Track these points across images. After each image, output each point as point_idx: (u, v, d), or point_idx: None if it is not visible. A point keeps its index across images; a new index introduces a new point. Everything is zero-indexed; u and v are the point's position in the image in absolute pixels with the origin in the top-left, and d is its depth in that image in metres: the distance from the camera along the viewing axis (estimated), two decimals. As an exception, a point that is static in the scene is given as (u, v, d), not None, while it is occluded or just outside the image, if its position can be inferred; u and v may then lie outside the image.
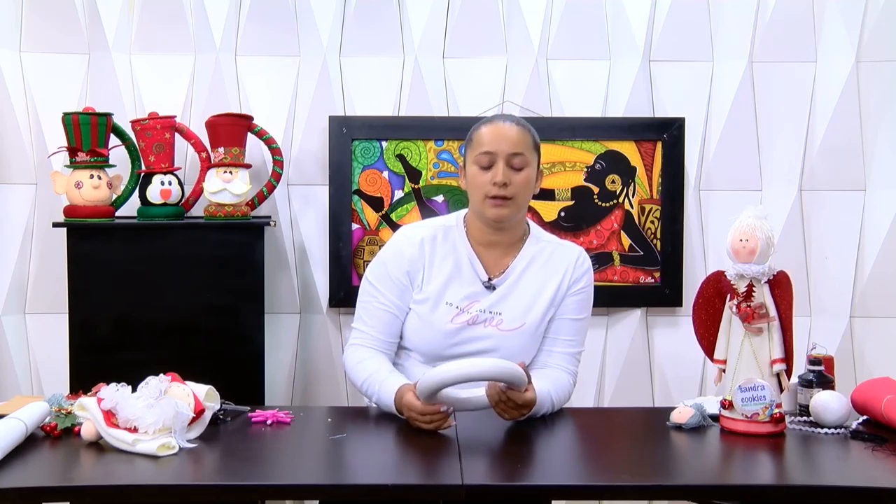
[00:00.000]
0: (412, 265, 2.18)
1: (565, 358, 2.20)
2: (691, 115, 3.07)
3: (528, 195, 2.17)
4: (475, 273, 2.18)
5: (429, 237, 2.20)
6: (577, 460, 1.93)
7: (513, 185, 2.11)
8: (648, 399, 3.13)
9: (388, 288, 2.18)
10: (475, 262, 2.18)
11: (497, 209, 2.12)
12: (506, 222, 2.16)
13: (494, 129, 2.14)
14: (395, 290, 2.18)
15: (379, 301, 2.19)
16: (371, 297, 2.20)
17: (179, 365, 2.05)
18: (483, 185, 2.12)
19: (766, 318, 1.93)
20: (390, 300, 2.18)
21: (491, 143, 2.12)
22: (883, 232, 3.07)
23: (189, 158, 3.03)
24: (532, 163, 2.15)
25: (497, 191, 2.10)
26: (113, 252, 2.76)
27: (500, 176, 2.10)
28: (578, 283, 2.21)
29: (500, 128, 2.14)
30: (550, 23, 3.06)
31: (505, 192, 2.11)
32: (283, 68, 3.06)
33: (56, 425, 1.88)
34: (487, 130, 2.15)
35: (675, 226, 3.06)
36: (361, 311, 2.22)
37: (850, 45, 3.04)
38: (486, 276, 2.18)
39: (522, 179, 2.13)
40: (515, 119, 2.19)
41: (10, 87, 3.00)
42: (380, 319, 2.18)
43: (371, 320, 2.19)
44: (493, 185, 2.11)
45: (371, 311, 2.20)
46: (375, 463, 1.84)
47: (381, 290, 2.19)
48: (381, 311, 2.18)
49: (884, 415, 1.96)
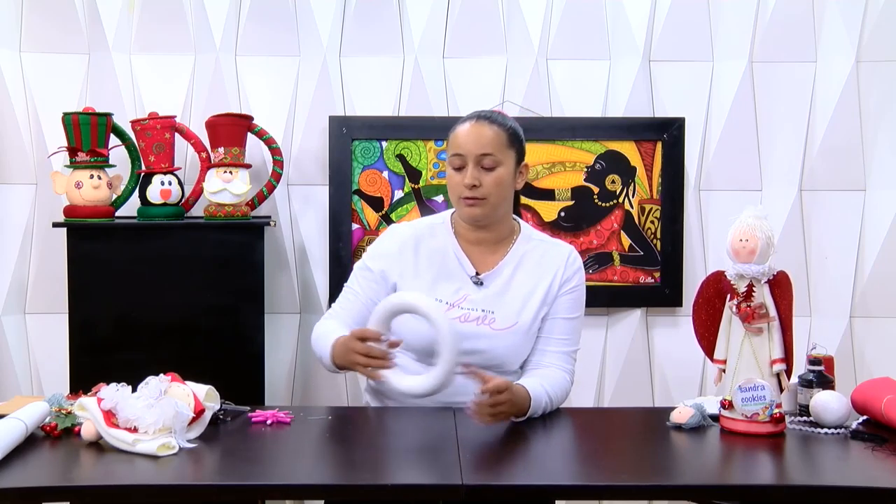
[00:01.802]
0: (388, 264, 2.21)
1: (560, 357, 2.20)
2: (691, 115, 3.07)
3: (502, 193, 2.17)
4: (462, 269, 2.19)
5: (413, 236, 2.23)
6: (577, 460, 1.93)
7: (484, 186, 2.13)
8: (648, 399, 3.13)
9: (365, 279, 2.24)
10: (462, 257, 2.20)
11: (470, 209, 2.15)
12: (481, 221, 2.18)
13: (466, 130, 2.16)
14: (371, 282, 2.23)
15: (355, 289, 2.25)
16: (351, 284, 2.28)
17: (179, 365, 2.05)
18: (456, 187, 2.16)
19: (766, 318, 1.93)
20: (364, 291, 2.23)
21: (462, 145, 2.15)
22: (883, 232, 3.07)
23: (189, 158, 3.03)
24: (505, 161, 2.15)
25: (469, 192, 2.13)
26: (113, 252, 2.76)
27: (469, 178, 2.13)
28: (570, 281, 2.21)
29: (471, 128, 2.16)
30: (550, 23, 3.06)
31: (476, 193, 2.13)
32: (283, 68, 3.06)
33: (56, 425, 1.88)
34: (460, 131, 2.17)
35: (675, 226, 3.07)
36: (341, 295, 2.29)
37: (850, 45, 3.04)
38: (473, 271, 2.19)
39: (493, 180, 2.13)
40: (490, 116, 2.18)
41: (10, 87, 3.00)
42: (352, 306, 2.24)
43: (345, 304, 2.26)
44: (464, 187, 2.13)
45: (347, 297, 2.27)
46: (375, 463, 1.84)
47: (360, 279, 2.25)
48: (355, 298, 2.24)
49: (884, 415, 1.96)
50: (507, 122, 2.19)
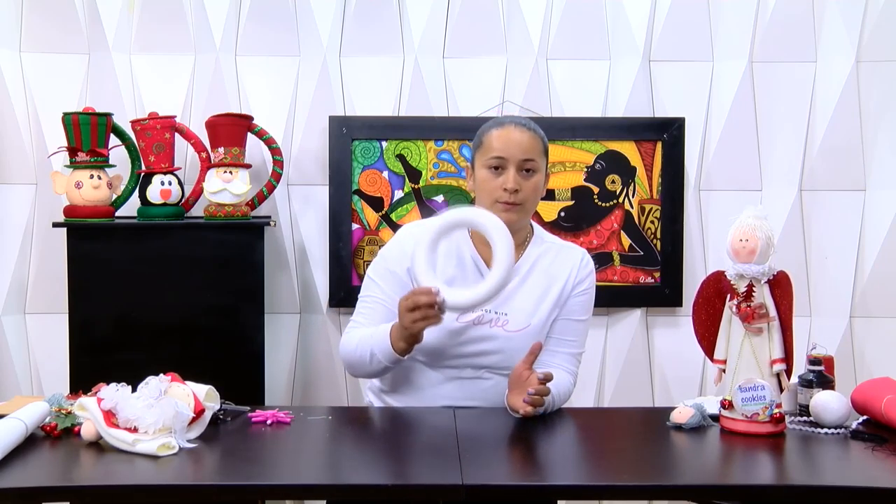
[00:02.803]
0: (412, 262, 2.15)
1: (567, 358, 2.21)
2: (691, 115, 3.07)
3: (536, 200, 2.18)
4: (479, 272, 2.17)
5: None
6: (577, 460, 1.93)
7: (523, 192, 2.12)
8: (648, 399, 3.13)
9: (388, 283, 2.17)
10: (479, 261, 2.18)
11: (507, 214, 2.11)
12: (514, 226, 2.14)
13: (506, 134, 2.14)
14: (396, 285, 2.16)
15: (378, 296, 2.18)
16: (370, 291, 2.19)
17: (179, 365, 2.05)
18: (493, 191, 2.12)
19: (766, 318, 1.92)
20: (389, 296, 2.16)
21: (503, 149, 2.12)
22: (883, 232, 3.07)
23: (189, 158, 3.03)
24: (542, 168, 2.16)
25: (508, 197, 2.11)
26: (113, 252, 2.76)
27: (511, 182, 2.10)
28: (582, 284, 2.21)
29: (511, 132, 2.14)
30: (550, 23, 3.06)
31: (515, 198, 2.11)
32: (283, 68, 3.06)
33: (56, 425, 1.88)
34: (499, 134, 2.14)
35: (675, 226, 3.07)
36: (360, 306, 2.21)
37: (850, 45, 3.04)
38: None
39: (532, 185, 2.13)
40: (526, 123, 2.18)
41: (10, 87, 3.00)
42: (378, 313, 2.17)
43: (369, 313, 2.18)
44: (503, 191, 2.11)
45: (369, 305, 2.19)
46: (375, 463, 1.84)
47: (382, 285, 2.18)
48: (379, 305, 2.17)
49: (884, 415, 1.96)
50: (539, 129, 2.19)
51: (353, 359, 2.14)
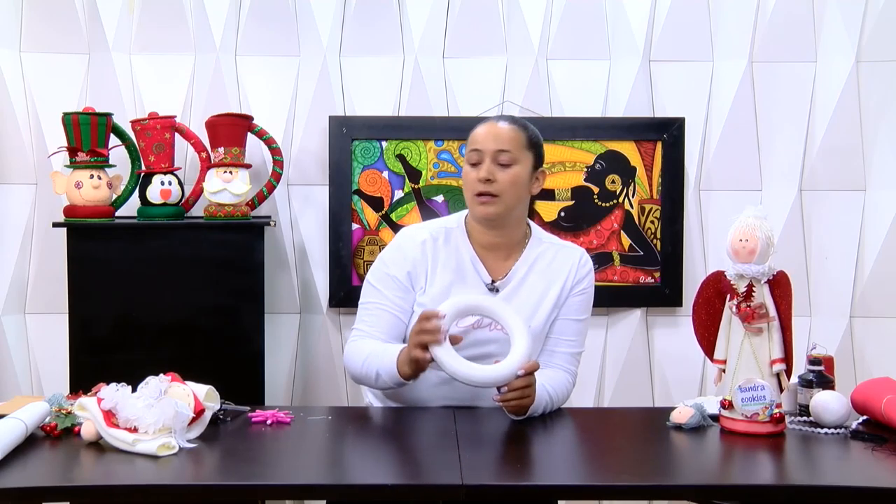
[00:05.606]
0: (414, 266, 2.16)
1: (566, 358, 2.20)
2: (691, 115, 3.07)
3: (516, 194, 2.13)
4: (478, 275, 2.17)
5: (431, 238, 2.18)
6: (577, 460, 1.93)
7: (499, 183, 2.10)
8: (648, 399, 3.13)
9: (389, 288, 2.16)
10: (478, 264, 2.17)
11: (483, 206, 2.11)
12: (494, 221, 2.14)
13: (485, 128, 2.15)
14: (397, 290, 2.15)
15: (380, 301, 2.16)
16: (372, 297, 2.17)
17: (179, 365, 2.05)
18: (471, 183, 2.13)
19: (766, 318, 1.92)
20: (391, 300, 2.15)
21: (480, 142, 2.13)
22: (883, 232, 3.07)
23: (189, 158, 3.03)
24: (522, 161, 2.13)
25: (482, 187, 2.10)
26: (113, 252, 2.76)
27: (483, 171, 2.10)
28: (581, 284, 2.21)
29: (491, 126, 2.15)
30: (550, 23, 3.06)
31: (489, 188, 2.10)
32: (283, 68, 3.06)
33: (56, 425, 1.88)
34: (480, 129, 2.15)
35: (675, 226, 3.07)
36: (362, 313, 2.19)
37: (850, 45, 3.04)
38: (489, 279, 2.17)
39: (510, 177, 2.11)
40: (512, 118, 2.18)
41: (10, 87, 3.00)
42: (381, 319, 2.15)
43: (372, 320, 2.16)
44: (478, 182, 2.11)
45: (372, 311, 2.17)
46: (375, 463, 1.84)
47: (382, 290, 2.16)
48: (382, 311, 2.15)
49: (884, 415, 1.96)
50: (528, 126, 2.18)
51: (358, 374, 2.14)
